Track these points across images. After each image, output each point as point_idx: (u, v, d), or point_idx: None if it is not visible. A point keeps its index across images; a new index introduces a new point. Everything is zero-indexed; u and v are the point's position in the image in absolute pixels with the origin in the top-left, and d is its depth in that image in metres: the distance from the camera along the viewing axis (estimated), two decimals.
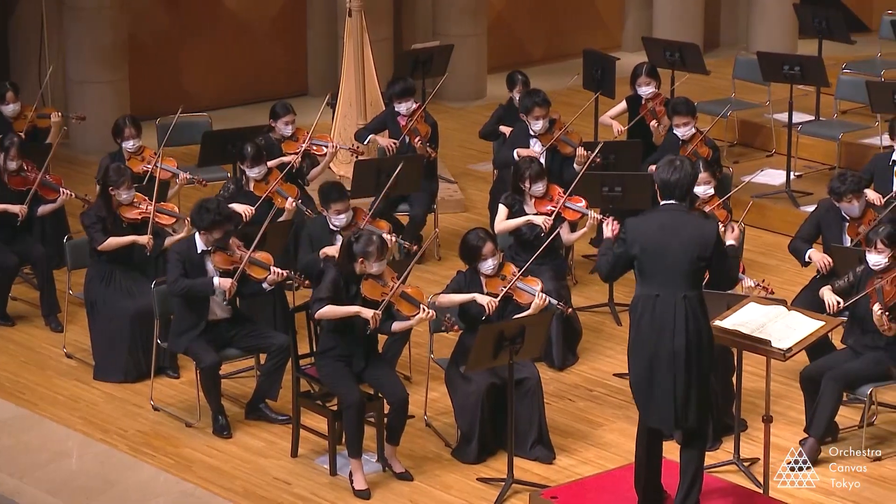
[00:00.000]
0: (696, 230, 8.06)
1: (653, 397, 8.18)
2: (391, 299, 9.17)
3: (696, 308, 8.08)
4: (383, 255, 9.18)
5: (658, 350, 8.11)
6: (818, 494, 9.09)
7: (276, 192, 11.01)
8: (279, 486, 9.28)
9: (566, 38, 16.69)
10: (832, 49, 14.23)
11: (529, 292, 9.57)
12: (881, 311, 9.22)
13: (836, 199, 10.35)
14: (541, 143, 11.84)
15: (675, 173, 8.09)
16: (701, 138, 11.77)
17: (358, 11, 13.01)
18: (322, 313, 9.16)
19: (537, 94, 11.89)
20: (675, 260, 8.06)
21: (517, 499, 9.06)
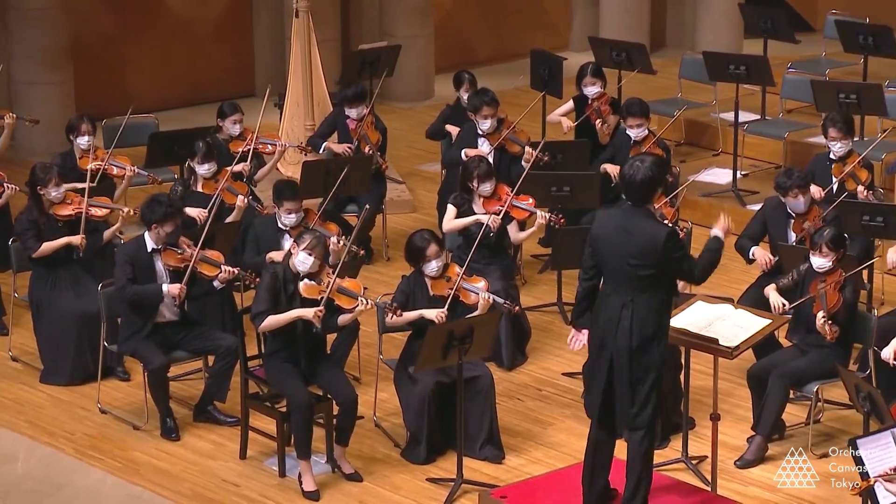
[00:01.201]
0: (645, 234, 8.05)
1: (594, 390, 8.24)
2: (329, 295, 9.16)
3: (642, 313, 8.06)
4: (320, 255, 9.17)
5: (602, 347, 8.16)
6: (765, 492, 9.14)
7: (227, 189, 10.96)
8: (228, 488, 9.25)
9: (513, 38, 16.71)
10: (777, 49, 14.31)
11: (474, 292, 9.57)
12: (824, 318, 9.28)
13: (782, 194, 10.42)
14: (489, 142, 11.86)
15: (635, 173, 8.09)
16: (654, 141, 11.80)
17: (305, 12, 12.98)
18: (265, 326, 9.16)
19: (486, 94, 11.91)
20: (623, 263, 8.08)
21: (467, 499, 9.06)
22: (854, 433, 8.69)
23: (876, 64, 13.77)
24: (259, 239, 10.48)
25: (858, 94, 12.33)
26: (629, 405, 8.15)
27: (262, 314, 9.14)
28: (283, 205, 10.35)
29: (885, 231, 10.67)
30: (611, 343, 8.12)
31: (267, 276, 9.23)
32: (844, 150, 11.11)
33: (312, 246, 9.17)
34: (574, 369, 10.51)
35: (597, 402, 8.25)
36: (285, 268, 9.25)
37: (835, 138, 11.07)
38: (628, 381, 8.12)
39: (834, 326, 9.30)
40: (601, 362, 8.18)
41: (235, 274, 9.78)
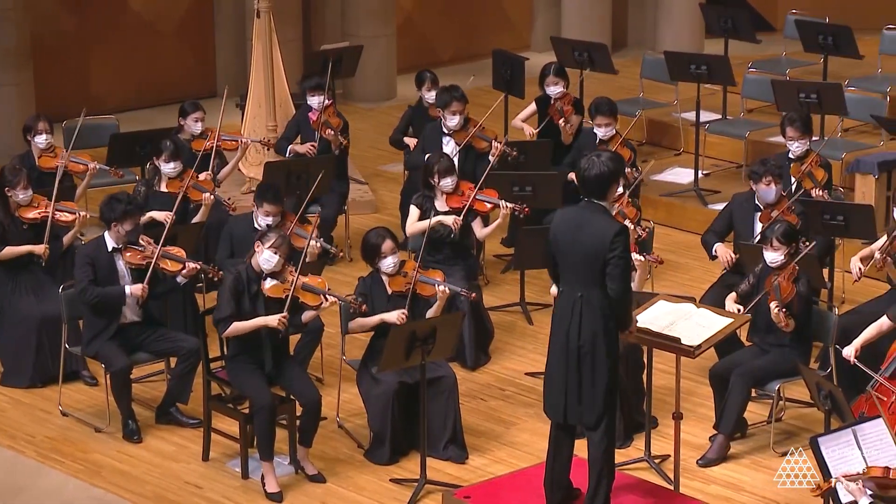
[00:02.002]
0: (596, 230, 8.04)
1: (551, 389, 8.26)
2: (294, 293, 9.15)
3: (593, 309, 8.06)
4: (284, 253, 9.15)
5: (555, 344, 8.19)
6: (727, 490, 9.17)
7: (193, 186, 10.91)
8: (190, 490, 9.22)
9: (475, 38, 16.72)
10: (738, 48, 14.37)
11: (432, 283, 9.58)
12: (777, 308, 9.32)
13: (755, 181, 10.45)
14: (454, 140, 11.87)
15: (591, 169, 8.10)
16: (621, 140, 11.83)
17: (266, 12, 12.96)
18: (229, 332, 9.14)
19: (455, 90, 11.92)
20: (576, 259, 8.08)
21: (430, 499, 9.06)
22: (815, 431, 8.73)
23: (836, 63, 13.84)
24: (233, 238, 10.43)
25: (819, 94, 12.39)
26: (577, 403, 8.16)
27: (226, 320, 9.11)
28: (262, 206, 10.25)
29: (845, 230, 10.72)
30: (563, 341, 8.14)
31: (229, 277, 9.20)
32: (802, 150, 11.16)
33: (278, 245, 9.15)
34: (537, 369, 10.53)
35: (555, 401, 8.26)
36: (248, 267, 9.23)
37: (792, 138, 11.13)
38: (577, 379, 8.13)
39: (789, 317, 9.34)
40: (555, 361, 8.20)
41: (199, 269, 9.73)
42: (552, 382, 8.26)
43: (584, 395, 8.14)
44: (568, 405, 8.19)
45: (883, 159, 12.24)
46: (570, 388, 8.16)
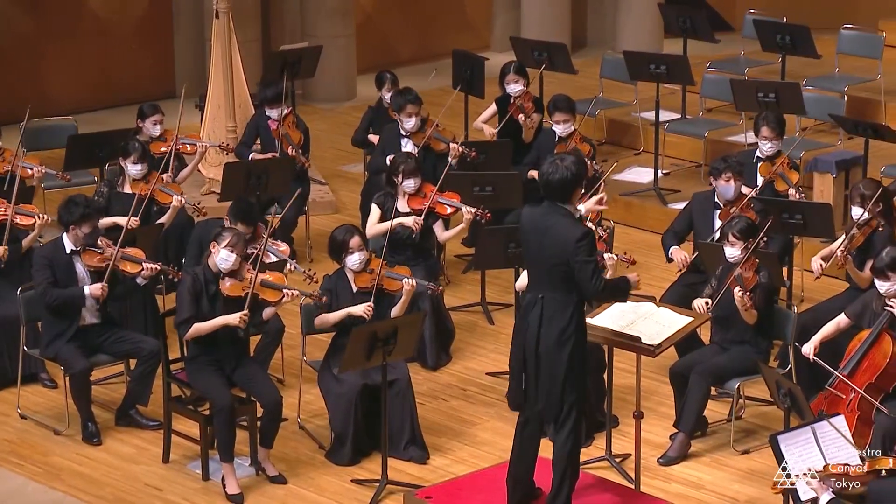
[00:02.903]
0: (559, 233, 8.07)
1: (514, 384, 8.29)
2: (254, 290, 9.13)
3: (551, 311, 8.08)
4: (240, 251, 9.13)
5: (517, 342, 8.23)
6: (688, 488, 9.20)
7: (160, 189, 10.84)
8: (151, 492, 9.19)
9: (435, 38, 16.71)
10: (697, 48, 14.41)
11: (398, 278, 9.58)
12: (742, 292, 9.34)
13: (715, 177, 10.49)
14: (413, 142, 11.86)
15: (554, 172, 8.11)
16: (579, 136, 11.85)
17: (225, 13, 12.92)
18: (191, 334, 9.12)
19: (409, 92, 11.93)
20: (540, 260, 8.11)
21: (391, 499, 9.05)
22: (775, 429, 8.76)
23: (794, 63, 13.90)
24: (202, 244, 10.38)
25: (777, 93, 12.44)
26: (535, 403, 8.18)
27: (187, 322, 9.09)
28: (237, 225, 9.98)
29: (804, 228, 10.77)
30: (521, 341, 8.16)
31: (187, 278, 9.18)
32: (774, 150, 11.20)
33: (234, 243, 9.13)
34: (498, 368, 10.53)
35: (519, 400, 8.28)
36: (205, 268, 9.20)
37: (767, 137, 11.16)
38: (536, 379, 8.15)
39: (752, 300, 9.34)
40: (517, 360, 8.22)
41: (159, 270, 9.68)
42: (515, 378, 8.31)
43: (540, 394, 8.15)
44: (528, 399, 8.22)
45: (841, 158, 12.30)
46: (529, 389, 8.18)
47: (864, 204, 10.08)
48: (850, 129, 12.58)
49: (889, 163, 12.19)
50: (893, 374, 8.97)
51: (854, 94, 13.65)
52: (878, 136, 12.00)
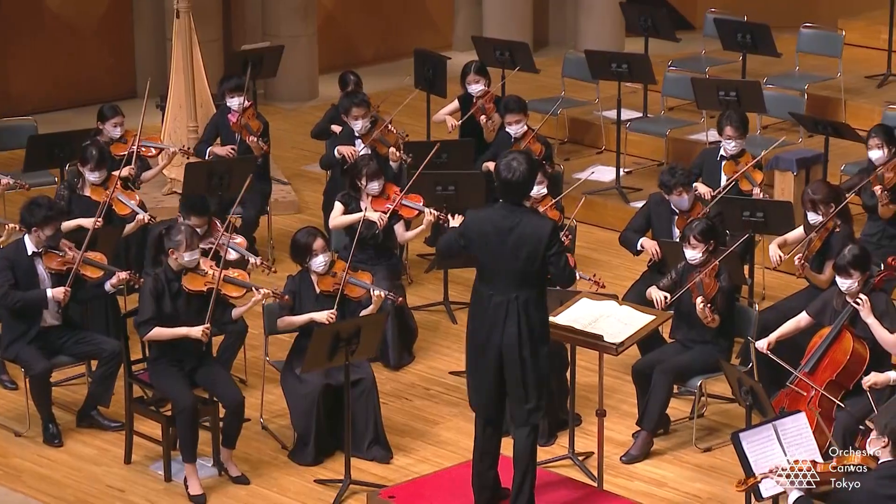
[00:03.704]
0: (528, 230, 8.08)
1: (482, 390, 8.25)
2: (217, 287, 9.11)
3: (528, 309, 8.10)
4: (193, 245, 9.11)
5: (488, 347, 8.17)
6: (651, 486, 9.23)
7: (118, 199, 10.78)
8: (113, 493, 9.15)
9: (397, 38, 16.71)
10: (658, 47, 14.45)
11: (362, 286, 9.57)
12: (703, 303, 9.39)
13: (666, 192, 10.52)
14: (363, 142, 11.87)
15: (512, 173, 8.11)
16: (533, 135, 11.88)
17: (186, 12, 12.88)
18: (150, 337, 9.09)
19: (355, 95, 11.93)
20: (507, 260, 8.09)
21: (355, 499, 9.04)
22: (737, 427, 8.79)
23: (754, 61, 13.96)
24: None
25: (738, 92, 12.49)
26: (523, 402, 8.17)
27: (148, 323, 9.06)
28: (189, 219, 10.10)
29: (765, 226, 10.81)
30: (497, 343, 8.13)
31: (148, 280, 9.15)
32: (738, 149, 11.24)
33: (189, 243, 9.11)
34: (461, 368, 10.53)
35: (485, 402, 8.27)
36: (165, 269, 9.17)
37: (731, 136, 11.19)
38: (521, 379, 8.14)
39: (714, 312, 9.41)
40: (486, 362, 8.19)
41: (127, 279, 9.63)
42: (484, 384, 8.24)
43: (528, 394, 8.15)
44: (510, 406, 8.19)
45: (801, 156, 12.35)
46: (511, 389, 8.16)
47: (815, 208, 10.12)
48: (810, 127, 12.64)
49: (849, 161, 12.25)
50: (854, 371, 9.01)
51: (814, 93, 13.71)
52: (838, 135, 12.06)
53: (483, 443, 8.36)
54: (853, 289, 9.11)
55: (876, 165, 10.87)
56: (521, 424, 8.24)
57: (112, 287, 9.68)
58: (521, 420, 8.21)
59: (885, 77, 14.27)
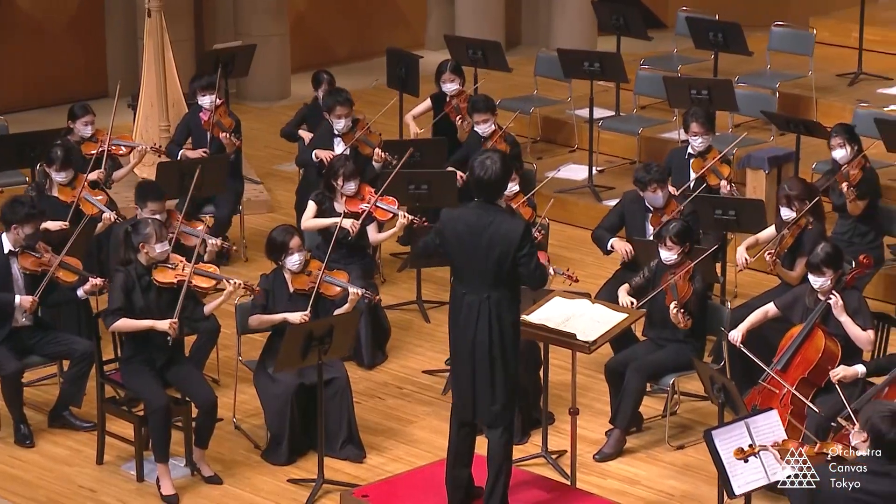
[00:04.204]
0: (500, 229, 8.09)
1: (456, 388, 8.27)
2: (188, 279, 9.09)
3: (500, 308, 8.10)
4: (163, 237, 9.10)
5: (461, 346, 8.18)
6: (624, 484, 9.24)
7: (85, 199, 10.76)
8: (85, 494, 9.12)
9: (370, 37, 16.70)
10: (630, 46, 14.47)
11: (339, 285, 9.56)
12: (676, 308, 9.41)
13: (641, 189, 10.53)
14: (344, 142, 11.85)
15: (486, 172, 8.12)
16: (500, 134, 11.89)
17: (157, 11, 12.85)
18: (116, 327, 9.06)
19: (339, 94, 11.90)
20: (480, 259, 8.10)
21: (328, 499, 9.03)
22: (709, 424, 8.80)
23: (726, 60, 13.99)
24: None
25: (710, 90, 12.51)
26: (491, 402, 8.18)
27: (115, 312, 9.03)
28: (146, 206, 10.19)
29: (737, 224, 10.84)
30: (470, 342, 8.14)
31: (119, 275, 9.12)
32: (705, 146, 11.26)
33: (160, 233, 9.10)
34: (434, 367, 10.54)
35: (461, 402, 8.26)
36: (136, 263, 9.15)
37: (696, 133, 11.22)
38: (490, 379, 8.15)
39: (687, 316, 9.44)
40: (461, 362, 8.19)
41: (101, 286, 9.62)
42: (461, 383, 8.25)
43: (497, 393, 8.15)
44: (477, 405, 8.20)
45: (773, 154, 12.40)
46: (479, 388, 8.17)
47: (790, 204, 10.16)
48: (781, 125, 12.67)
49: (820, 159, 12.29)
50: (826, 369, 9.04)
51: (785, 91, 13.75)
52: (809, 133, 12.10)
53: (457, 443, 8.36)
54: (826, 287, 9.14)
55: (841, 165, 10.91)
56: (492, 425, 8.24)
57: (84, 293, 9.69)
58: (491, 420, 8.22)
59: (855, 75, 14.32)
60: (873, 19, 14.66)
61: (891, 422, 7.10)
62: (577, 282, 9.96)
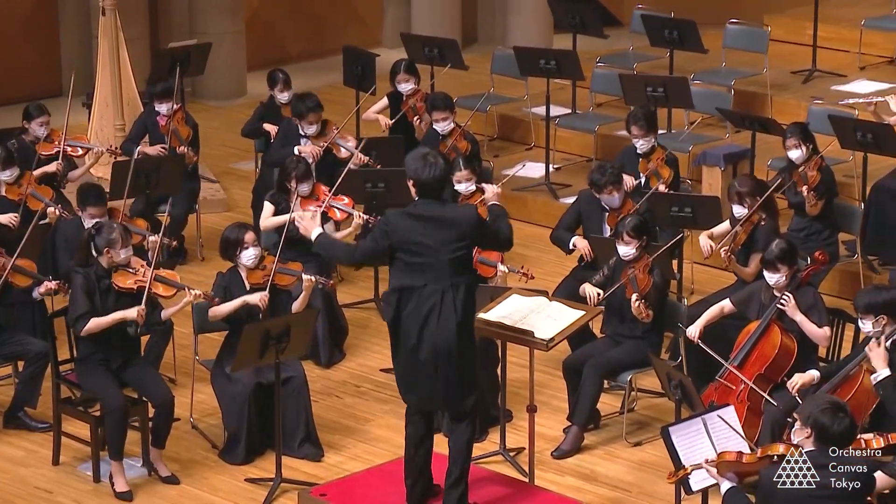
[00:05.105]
0: (452, 218, 8.13)
1: (418, 382, 8.23)
2: (149, 284, 9.05)
3: (462, 297, 8.14)
4: (127, 242, 9.07)
5: (422, 338, 8.15)
6: (581, 481, 9.26)
7: (31, 195, 10.73)
8: (41, 495, 9.08)
9: (326, 34, 16.66)
10: (586, 43, 14.50)
11: (292, 274, 9.56)
12: (637, 300, 9.44)
13: (597, 192, 10.56)
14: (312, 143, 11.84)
15: (428, 171, 8.14)
16: (460, 132, 11.90)
17: (112, 10, 12.79)
18: (88, 329, 9.02)
19: (311, 100, 11.90)
20: (437, 250, 8.11)
21: (286, 498, 9.02)
22: (667, 421, 8.84)
23: (681, 58, 14.03)
24: (68, 243, 10.28)
25: (665, 88, 12.56)
26: (461, 395, 8.18)
27: (84, 317, 8.99)
28: (86, 209, 10.20)
29: (693, 221, 10.88)
30: (432, 334, 8.13)
31: (79, 277, 9.08)
32: (648, 147, 11.31)
33: (124, 240, 9.05)
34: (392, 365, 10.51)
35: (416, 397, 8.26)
36: (96, 266, 9.10)
37: (637, 136, 11.27)
38: (458, 366, 8.15)
39: (648, 308, 9.46)
40: (422, 356, 8.18)
41: (56, 288, 9.56)
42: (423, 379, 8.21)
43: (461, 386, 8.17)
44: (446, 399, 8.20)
45: (728, 151, 12.44)
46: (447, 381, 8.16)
47: (741, 201, 10.21)
48: (737, 122, 12.72)
49: (775, 155, 12.34)
50: (782, 365, 9.09)
51: (741, 88, 13.81)
52: (764, 130, 12.15)
53: (417, 439, 8.34)
54: (781, 283, 9.18)
55: (797, 165, 10.97)
56: (460, 418, 8.24)
57: (40, 295, 9.63)
58: (460, 413, 8.22)
59: (810, 72, 14.40)
60: (827, 17, 14.74)
61: (832, 413, 7.13)
62: (533, 279, 9.98)
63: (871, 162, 11.74)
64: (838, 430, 7.11)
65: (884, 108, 11.86)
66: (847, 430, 7.13)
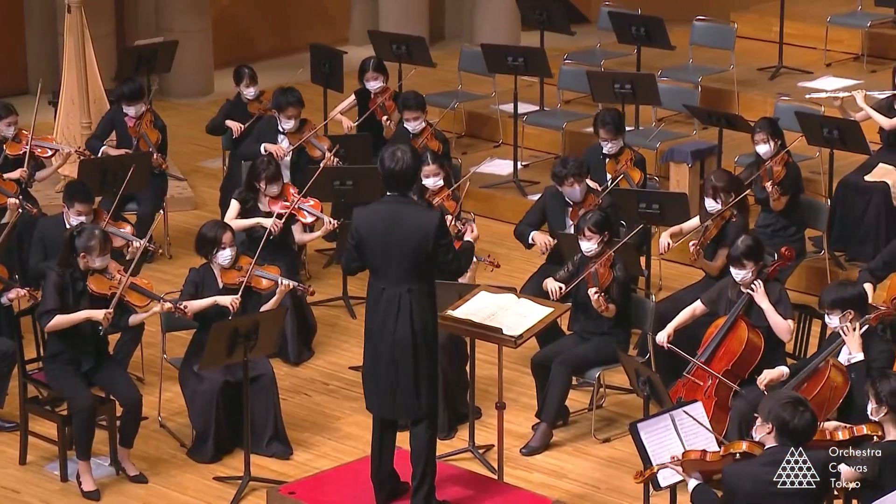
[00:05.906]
0: (415, 222, 8.09)
1: (376, 387, 8.24)
2: (121, 293, 9.02)
3: (421, 301, 8.11)
4: (106, 250, 9.03)
5: (381, 342, 8.16)
6: (550, 478, 9.27)
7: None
8: (8, 495, 9.04)
9: (293, 32, 16.63)
10: (554, 40, 14.51)
11: (269, 278, 9.54)
12: (597, 293, 9.46)
13: (559, 183, 10.58)
14: (289, 140, 11.82)
15: (397, 164, 8.13)
16: (431, 132, 11.90)
17: (77, 7, 12.73)
18: (52, 325, 8.97)
19: (292, 94, 11.89)
20: (397, 253, 8.10)
21: (255, 496, 9.00)
22: (635, 417, 8.86)
23: (648, 54, 14.07)
24: (45, 241, 10.23)
25: (633, 85, 12.58)
26: (416, 397, 8.18)
27: (50, 313, 8.95)
28: (73, 206, 10.07)
29: (660, 218, 10.90)
30: (390, 337, 8.13)
31: (53, 275, 9.03)
32: (616, 148, 11.33)
33: (104, 246, 9.00)
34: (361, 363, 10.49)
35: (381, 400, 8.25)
36: (73, 268, 9.06)
37: (605, 139, 11.30)
38: (413, 372, 8.15)
39: (609, 302, 9.48)
40: (382, 358, 8.18)
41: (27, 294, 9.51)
42: (378, 380, 8.23)
43: (418, 389, 8.16)
44: (399, 401, 8.19)
45: (696, 148, 12.48)
46: (402, 384, 8.16)
47: (716, 196, 10.24)
48: (704, 119, 12.76)
49: (743, 152, 12.39)
50: (749, 361, 9.12)
51: (708, 85, 13.85)
52: (731, 126, 12.19)
53: (381, 438, 8.35)
54: (747, 279, 9.22)
55: (764, 160, 11.01)
56: (417, 420, 8.24)
57: (8, 301, 9.59)
58: (417, 415, 8.22)
59: (776, 69, 14.45)
60: (793, 14, 14.80)
61: (792, 408, 7.15)
62: (499, 266, 10.00)
63: (838, 158, 11.79)
64: (799, 424, 7.14)
65: (850, 104, 11.92)
66: (808, 425, 7.16)
